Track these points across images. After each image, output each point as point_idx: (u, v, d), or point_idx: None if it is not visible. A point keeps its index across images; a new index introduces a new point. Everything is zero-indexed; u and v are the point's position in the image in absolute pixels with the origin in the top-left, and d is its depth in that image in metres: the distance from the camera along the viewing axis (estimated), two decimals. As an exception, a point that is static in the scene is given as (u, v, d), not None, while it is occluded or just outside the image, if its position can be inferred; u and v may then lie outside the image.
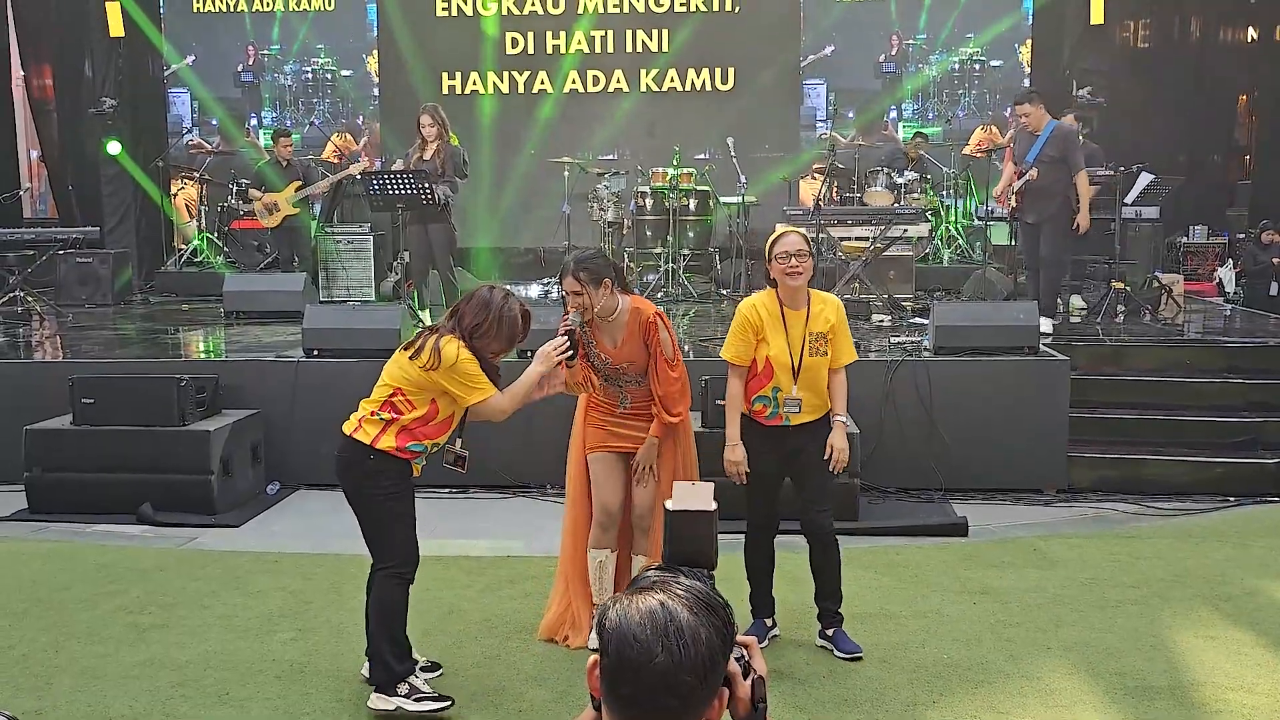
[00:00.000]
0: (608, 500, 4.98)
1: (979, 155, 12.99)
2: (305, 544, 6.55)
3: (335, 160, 13.14)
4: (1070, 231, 8.85)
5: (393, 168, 9.05)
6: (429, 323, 9.04)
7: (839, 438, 4.91)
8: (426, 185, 8.75)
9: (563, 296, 4.89)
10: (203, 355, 9.13)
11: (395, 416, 4.42)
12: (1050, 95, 12.89)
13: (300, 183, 11.50)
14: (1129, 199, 10.08)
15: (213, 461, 7.04)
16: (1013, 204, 9.10)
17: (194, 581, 5.90)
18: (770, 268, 4.90)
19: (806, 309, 4.90)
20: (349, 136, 14.10)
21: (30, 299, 11.10)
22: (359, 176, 11.71)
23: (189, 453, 7.06)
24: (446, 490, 7.52)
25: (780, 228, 5.19)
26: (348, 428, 4.50)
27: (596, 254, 5.03)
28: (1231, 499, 7.24)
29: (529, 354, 6.94)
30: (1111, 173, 9.58)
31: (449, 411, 4.48)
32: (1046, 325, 8.66)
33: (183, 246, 13.57)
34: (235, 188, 12.61)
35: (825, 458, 4.92)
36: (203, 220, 13.24)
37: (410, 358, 4.43)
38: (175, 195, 14.01)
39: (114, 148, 13.14)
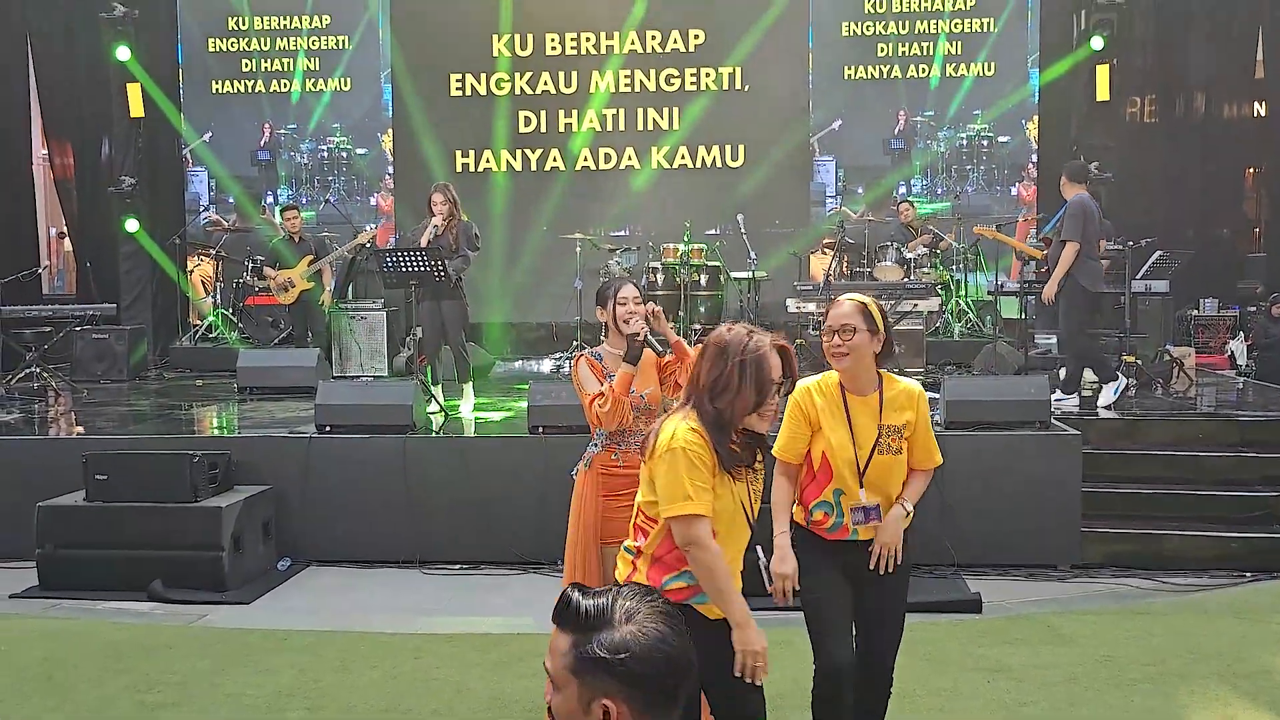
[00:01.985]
0: None
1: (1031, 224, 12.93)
2: (315, 621, 6.53)
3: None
4: (1078, 306, 8.81)
5: (411, 244, 9.09)
6: (441, 399, 9.07)
7: (888, 527, 3.88)
8: (439, 262, 8.83)
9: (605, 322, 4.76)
10: (216, 431, 9.17)
11: (639, 546, 3.44)
12: (1058, 171, 13.07)
13: (313, 257, 11.62)
14: (1139, 274, 10.12)
15: (224, 538, 7.05)
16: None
17: (203, 659, 5.88)
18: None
19: (879, 395, 3.92)
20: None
21: (46, 375, 11.19)
22: (368, 246, 11.86)
23: (200, 529, 7.07)
24: (457, 566, 7.52)
25: (844, 297, 4.03)
26: None
27: None
28: (1247, 574, 7.17)
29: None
30: (1120, 247, 9.62)
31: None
32: (1073, 402, 8.70)
33: (198, 322, 13.69)
34: (250, 264, 12.75)
35: (889, 570, 3.90)
36: (218, 296, 13.38)
37: (645, 458, 3.42)
38: (191, 271, 14.16)
39: (132, 225, 13.33)
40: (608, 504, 4.59)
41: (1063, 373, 8.93)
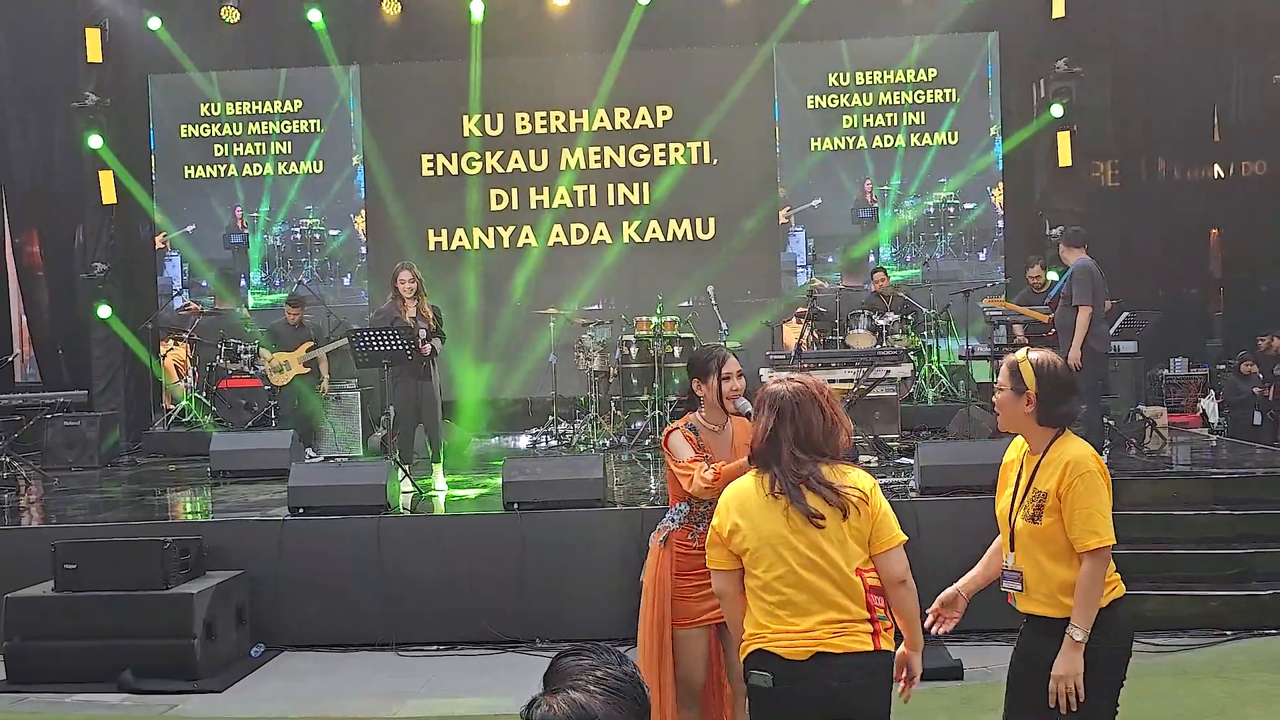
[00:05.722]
0: (690, 675, 4.55)
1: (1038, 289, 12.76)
2: (289, 708, 6.44)
3: None
4: (1090, 369, 8.84)
5: (391, 321, 9.04)
6: (412, 478, 8.99)
7: (1062, 659, 3.59)
8: (413, 342, 8.81)
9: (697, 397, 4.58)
10: (188, 516, 9.08)
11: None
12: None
13: (312, 343, 11.64)
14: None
15: (195, 625, 6.94)
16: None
17: (174, 750, 5.77)
18: None
19: (1041, 457, 3.76)
20: None
21: (16, 464, 11.07)
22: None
23: (171, 616, 6.97)
24: (434, 647, 7.43)
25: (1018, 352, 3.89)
26: None
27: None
28: (1228, 633, 7.16)
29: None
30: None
31: None
32: None
33: (171, 406, 13.61)
34: (224, 347, 12.72)
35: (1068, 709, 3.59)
36: (191, 380, 13.32)
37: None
38: (164, 356, 14.10)
39: (104, 311, 13.31)
40: (679, 583, 4.44)
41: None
